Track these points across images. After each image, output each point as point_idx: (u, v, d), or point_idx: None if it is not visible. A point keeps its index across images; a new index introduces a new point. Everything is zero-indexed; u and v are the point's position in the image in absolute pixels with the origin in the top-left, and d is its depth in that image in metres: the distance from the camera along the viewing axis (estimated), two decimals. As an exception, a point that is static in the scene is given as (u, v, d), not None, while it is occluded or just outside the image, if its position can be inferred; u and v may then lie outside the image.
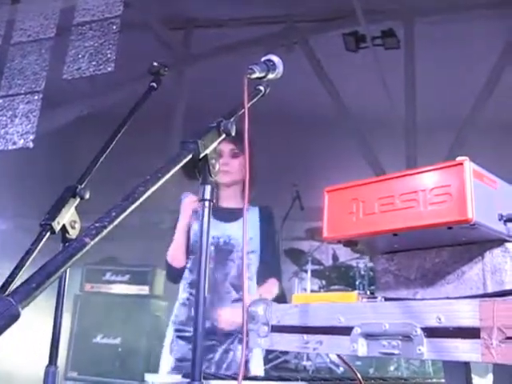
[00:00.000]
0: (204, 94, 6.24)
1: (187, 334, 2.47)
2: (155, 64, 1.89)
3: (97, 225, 0.81)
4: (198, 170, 1.09)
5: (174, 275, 2.63)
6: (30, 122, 4.45)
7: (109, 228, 0.82)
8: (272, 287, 2.59)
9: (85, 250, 0.78)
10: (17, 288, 0.70)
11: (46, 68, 4.59)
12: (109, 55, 4.33)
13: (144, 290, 5.05)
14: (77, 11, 4.58)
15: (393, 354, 1.10)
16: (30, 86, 4.56)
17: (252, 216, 2.60)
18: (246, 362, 2.42)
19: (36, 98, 4.52)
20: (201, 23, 6.87)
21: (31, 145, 4.38)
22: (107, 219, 0.82)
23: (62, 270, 0.75)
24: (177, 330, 2.55)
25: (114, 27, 4.38)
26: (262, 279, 2.58)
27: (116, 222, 0.85)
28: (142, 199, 0.91)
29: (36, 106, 4.48)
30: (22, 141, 4.42)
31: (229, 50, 6.64)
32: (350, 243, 1.34)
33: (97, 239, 0.80)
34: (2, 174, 4.24)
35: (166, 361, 2.55)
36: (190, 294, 2.53)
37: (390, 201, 1.21)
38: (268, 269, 2.60)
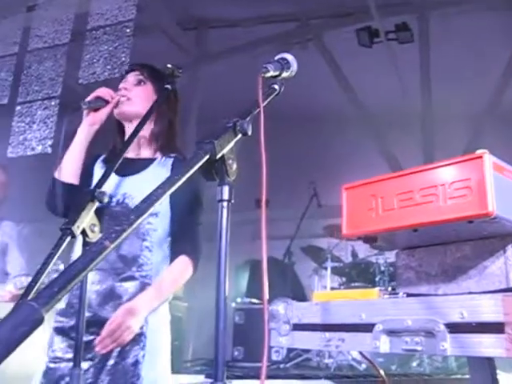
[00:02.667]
0: (218, 93, 6.25)
1: (66, 325, 1.86)
2: (169, 66, 1.89)
3: (116, 228, 0.82)
4: (215, 171, 1.09)
5: (61, 197, 1.89)
6: (47, 127, 4.50)
7: (128, 231, 0.83)
8: (181, 268, 1.90)
9: (105, 254, 0.79)
10: (39, 292, 0.71)
11: (62, 73, 4.64)
12: (123, 59, 4.36)
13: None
14: (90, 16, 4.62)
15: (415, 350, 1.10)
16: (47, 91, 4.62)
17: (160, 168, 1.97)
18: (136, 362, 1.79)
19: (53, 103, 4.57)
20: (214, 23, 6.88)
21: (49, 150, 4.42)
22: (126, 222, 0.83)
23: (84, 273, 0.76)
24: (56, 321, 1.91)
25: (128, 31, 4.41)
26: (172, 255, 1.95)
27: (135, 225, 0.85)
28: (160, 201, 0.92)
29: (53, 111, 4.54)
30: (40, 146, 4.47)
31: (242, 49, 6.64)
32: (369, 239, 1.33)
33: (117, 242, 0.80)
34: (21, 180, 4.29)
35: (41, 363, 1.89)
36: None
37: (410, 196, 1.20)
38: (178, 242, 1.94)
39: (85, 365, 1.72)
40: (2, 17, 5.17)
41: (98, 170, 2.04)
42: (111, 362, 1.78)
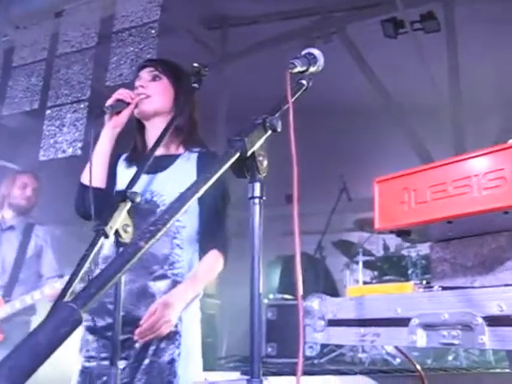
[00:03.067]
0: (246, 90, 6.26)
1: (98, 325, 1.87)
2: (195, 65, 1.89)
3: (151, 228, 0.83)
4: (246, 168, 1.09)
5: (88, 201, 1.72)
6: (77, 130, 4.57)
7: (163, 231, 0.84)
8: (212, 262, 1.93)
9: (140, 254, 0.79)
10: (78, 294, 0.72)
11: (90, 77, 4.70)
12: (149, 59, 4.39)
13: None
14: (116, 19, 4.65)
15: (453, 344, 1.08)
16: (76, 95, 4.68)
17: (185, 164, 2.00)
18: (172, 361, 1.80)
19: (82, 106, 4.63)
20: (236, 21, 6.88)
21: (79, 152, 4.49)
22: (160, 222, 0.84)
23: (120, 274, 0.77)
24: (87, 321, 1.91)
25: (153, 31, 4.43)
26: (202, 251, 1.97)
27: (169, 225, 0.86)
28: (192, 200, 0.92)
29: (82, 114, 4.60)
30: (70, 149, 4.54)
31: (267, 45, 6.63)
32: (402, 233, 1.32)
33: (151, 242, 0.81)
34: (54, 182, 4.36)
35: (77, 362, 1.91)
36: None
37: (443, 188, 1.19)
38: (208, 237, 1.96)
39: (120, 364, 1.71)
40: (31, 24, 5.26)
41: (121, 169, 2.06)
42: (147, 361, 1.80)
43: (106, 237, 1.47)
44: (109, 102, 1.91)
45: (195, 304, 1.95)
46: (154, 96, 2.01)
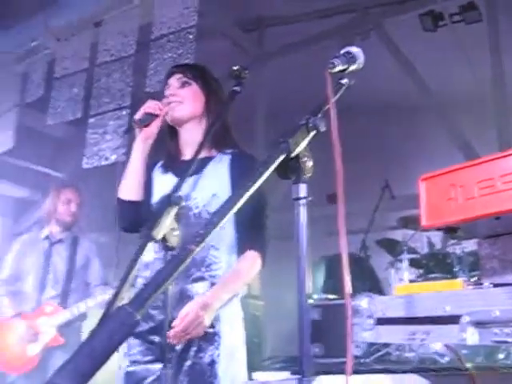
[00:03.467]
0: (283, 91, 6.25)
1: (142, 329, 1.87)
2: (235, 68, 1.89)
3: (200, 232, 0.84)
4: (291, 170, 1.09)
5: (126, 215, 1.96)
6: (119, 136, 4.65)
7: (211, 233, 0.85)
8: (249, 263, 1.92)
9: (191, 256, 0.81)
10: (133, 297, 0.74)
11: (130, 84, 4.77)
12: (187, 64, 4.43)
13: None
14: (154, 26, 4.71)
15: (506, 342, 1.06)
16: (117, 102, 4.76)
17: (218, 166, 2.00)
18: (212, 362, 1.82)
19: (124, 113, 4.71)
20: (272, 22, 6.87)
21: (123, 159, 4.56)
22: (209, 225, 0.85)
23: (172, 278, 0.79)
24: None
25: (191, 37, 4.46)
26: (239, 251, 1.96)
27: (217, 228, 0.88)
28: (240, 204, 0.94)
29: (124, 121, 4.68)
30: (114, 156, 4.63)
31: (304, 45, 6.60)
32: (450, 230, 1.30)
33: (202, 245, 0.83)
34: (98, 189, 4.45)
35: (122, 365, 1.92)
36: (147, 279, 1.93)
37: (491, 183, 1.17)
38: (244, 238, 1.95)
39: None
40: (71, 35, 5.38)
41: (158, 176, 2.07)
42: (188, 362, 1.82)
43: (155, 241, 1.50)
44: (137, 116, 1.93)
45: (235, 304, 1.95)
46: (185, 102, 2.02)
